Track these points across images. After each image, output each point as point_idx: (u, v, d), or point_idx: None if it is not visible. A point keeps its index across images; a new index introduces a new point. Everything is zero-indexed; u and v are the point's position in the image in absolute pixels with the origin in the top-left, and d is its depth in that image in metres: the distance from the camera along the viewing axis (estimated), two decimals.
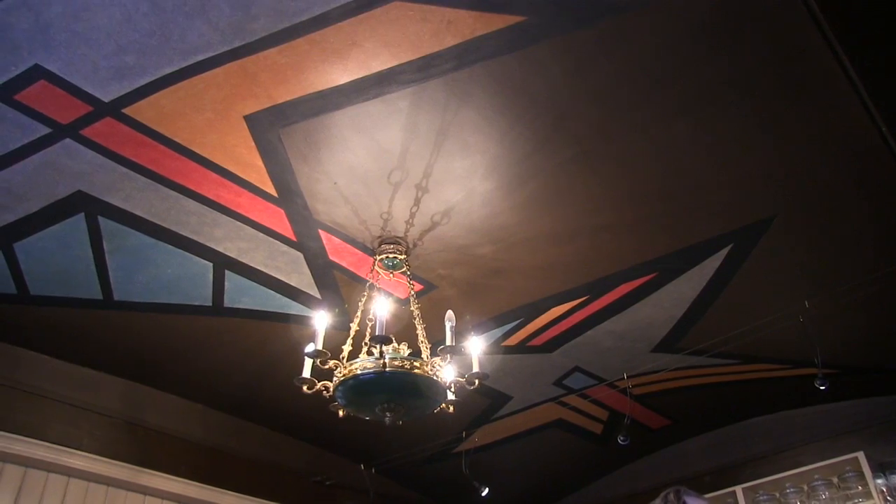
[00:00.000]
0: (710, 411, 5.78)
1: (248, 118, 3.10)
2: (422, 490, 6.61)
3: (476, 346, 3.41)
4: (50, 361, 4.56)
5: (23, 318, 4.22)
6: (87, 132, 3.11)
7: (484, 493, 5.60)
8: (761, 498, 5.38)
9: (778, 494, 5.38)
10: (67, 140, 3.15)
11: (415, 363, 3.15)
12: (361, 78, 2.89)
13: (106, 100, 2.95)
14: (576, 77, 2.91)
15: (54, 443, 4.42)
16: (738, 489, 5.45)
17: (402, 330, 3.62)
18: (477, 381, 3.29)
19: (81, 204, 3.49)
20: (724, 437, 6.04)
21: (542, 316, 4.45)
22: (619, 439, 4.85)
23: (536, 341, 4.72)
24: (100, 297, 4.07)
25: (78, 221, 3.59)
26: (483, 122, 3.11)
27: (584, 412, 5.61)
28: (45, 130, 3.09)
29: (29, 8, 2.57)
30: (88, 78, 2.85)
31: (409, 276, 3.75)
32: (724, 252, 3.90)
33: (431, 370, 3.20)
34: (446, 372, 3.31)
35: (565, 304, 4.34)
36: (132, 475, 4.71)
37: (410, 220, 3.66)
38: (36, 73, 2.82)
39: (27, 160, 3.22)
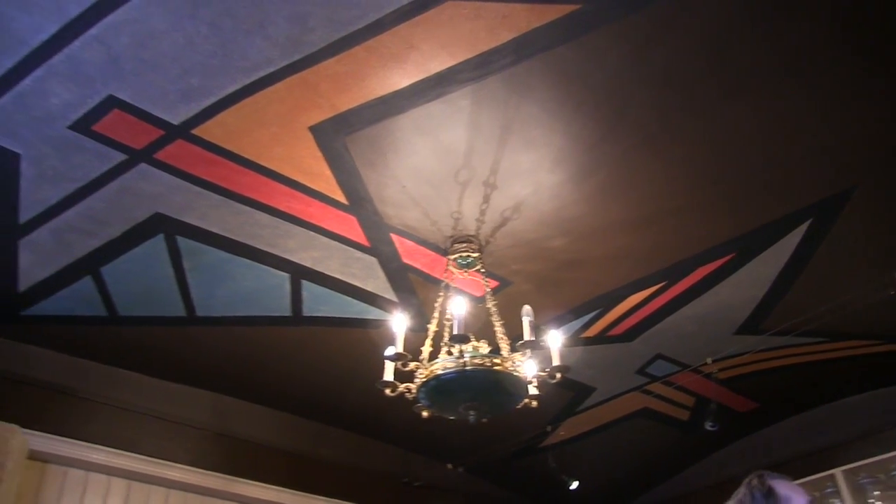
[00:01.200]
0: (800, 392, 5.60)
1: (312, 129, 3.14)
2: (510, 487, 6.60)
3: (555, 339, 3.39)
4: (142, 379, 4.75)
5: (114, 339, 4.39)
6: (160, 155, 3.21)
7: (573, 487, 5.56)
8: (863, 480, 5.14)
9: (883, 476, 5.11)
10: (143, 165, 3.25)
11: (495, 360, 3.14)
12: (421, 80, 2.90)
13: (176, 122, 3.04)
14: (635, 62, 2.86)
15: (153, 456, 4.61)
16: (838, 472, 5.19)
17: (480, 328, 3.61)
18: (558, 375, 3.27)
19: (160, 225, 3.60)
20: (817, 419, 5.83)
21: (620, 305, 4.39)
22: (707, 425, 4.74)
23: (616, 331, 4.66)
24: (183, 313, 4.20)
25: (158, 242, 3.71)
26: (545, 115, 3.09)
27: (670, 399, 5.51)
28: (121, 157, 3.21)
29: (100, 42, 2.67)
30: (158, 103, 2.94)
31: (483, 273, 3.74)
32: (803, 227, 3.78)
33: (512, 366, 3.18)
34: (527, 367, 3.29)
35: (642, 292, 4.28)
36: (226, 484, 4.85)
37: (481, 218, 3.66)
38: (110, 103, 2.93)
39: (107, 187, 3.35)
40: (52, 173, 3.25)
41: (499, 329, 3.49)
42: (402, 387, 3.26)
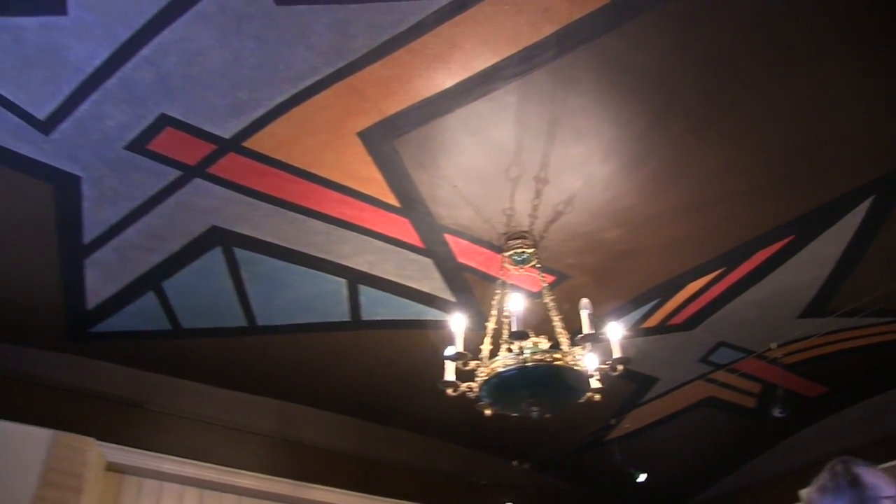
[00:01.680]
0: (872, 375, 5.45)
1: (361, 134, 3.16)
2: (577, 481, 6.56)
3: (615, 331, 3.35)
4: (208, 389, 4.86)
5: (180, 352, 4.50)
6: (213, 169, 3.27)
7: (640, 480, 5.50)
8: None
9: None
10: (197, 180, 3.32)
11: (555, 355, 3.12)
12: (466, 79, 2.90)
13: (226, 136, 3.10)
14: (680, 46, 2.82)
15: (223, 465, 4.72)
16: None
17: (539, 323, 3.60)
18: (620, 367, 3.23)
19: (216, 238, 3.67)
20: (891, 402, 5.66)
21: (679, 293, 4.33)
22: (775, 412, 4.65)
23: (676, 320, 4.60)
24: (245, 323, 4.28)
25: (216, 254, 3.78)
26: (593, 106, 3.07)
27: (735, 387, 5.41)
28: (176, 174, 3.28)
29: (150, 62, 2.74)
30: (208, 118, 3.00)
31: (539, 268, 3.72)
32: (865, 204, 3.68)
33: (573, 360, 3.16)
34: (588, 360, 3.26)
35: (701, 279, 4.21)
36: (295, 490, 4.92)
37: (534, 213, 3.65)
38: (162, 122, 3.00)
39: (164, 203, 3.43)
40: (111, 193, 3.35)
41: (558, 324, 3.47)
42: (463, 386, 3.27)
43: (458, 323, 3.31)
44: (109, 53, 2.69)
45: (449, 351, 3.24)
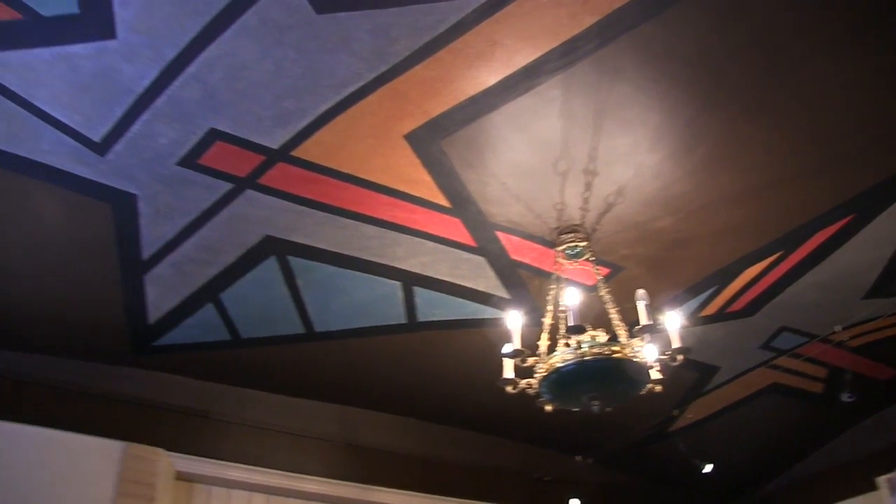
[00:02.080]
0: None
1: (407, 136, 3.17)
2: (641, 474, 6.49)
3: (673, 320, 3.31)
4: (270, 397, 4.93)
5: (240, 361, 4.57)
6: (263, 180, 3.31)
7: (706, 471, 5.42)
8: None
9: None
10: (249, 191, 3.37)
11: (614, 348, 3.09)
12: (509, 75, 2.89)
13: (275, 147, 3.13)
14: (722, 30, 2.75)
15: (288, 470, 4.79)
16: None
17: (595, 316, 3.56)
18: (680, 357, 3.18)
19: (271, 247, 3.72)
20: None
21: (737, 280, 4.25)
22: (844, 397, 4.54)
23: (735, 306, 4.52)
24: (302, 330, 4.32)
25: (271, 264, 3.83)
26: (639, 95, 3.02)
27: (800, 372, 5.29)
28: (228, 186, 3.33)
29: (196, 79, 2.78)
30: (256, 130, 3.04)
31: (593, 261, 3.69)
32: None
33: (632, 352, 3.13)
34: (647, 352, 3.22)
35: (759, 264, 4.12)
36: (360, 493, 4.97)
37: (585, 206, 3.61)
38: (211, 137, 3.05)
39: (218, 216, 3.48)
40: (166, 209, 3.41)
41: (615, 316, 3.43)
42: (522, 383, 3.26)
43: (514, 320, 3.30)
44: (158, 73, 2.74)
45: (506, 348, 3.23)
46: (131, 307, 4.01)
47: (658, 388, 3.32)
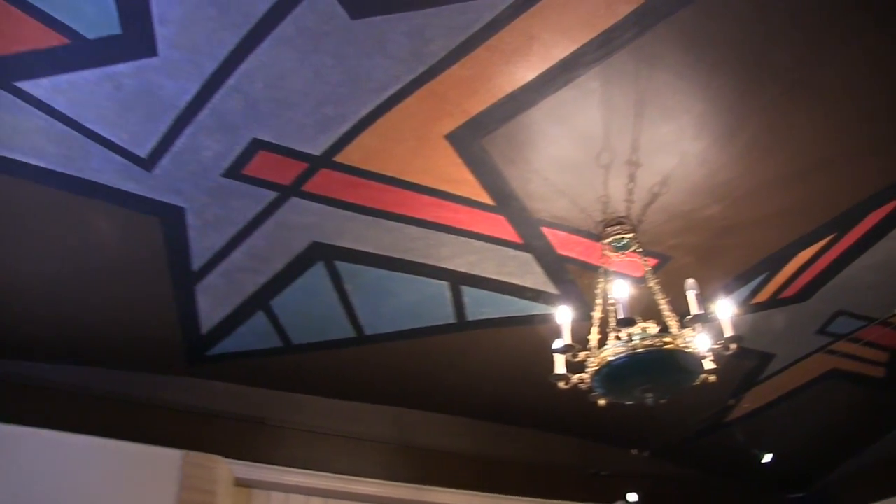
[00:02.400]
0: None
1: (448, 137, 3.17)
2: (699, 466, 6.39)
3: (724, 309, 3.25)
4: (324, 401, 4.98)
5: (293, 367, 4.62)
6: (307, 187, 3.34)
7: (766, 461, 5.32)
8: None
9: None
10: (293, 199, 3.40)
11: (665, 339, 3.05)
12: (547, 70, 2.87)
13: (317, 153, 3.16)
14: (762, 10, 2.69)
15: (345, 474, 4.83)
16: None
17: (645, 308, 3.52)
18: (733, 346, 3.13)
19: (318, 253, 3.75)
20: None
21: (789, 265, 4.17)
22: None
23: (788, 292, 4.43)
24: (353, 334, 4.35)
25: (318, 269, 3.86)
26: (680, 82, 2.98)
27: (860, 357, 5.16)
28: (273, 195, 3.37)
29: (237, 90, 2.83)
30: (298, 138, 3.07)
31: (640, 253, 3.65)
32: None
33: (683, 343, 3.08)
34: (699, 342, 3.17)
35: (811, 248, 4.04)
36: (417, 494, 4.98)
37: (629, 198, 3.58)
38: (255, 146, 3.09)
39: (265, 225, 3.53)
40: (214, 220, 3.47)
41: (665, 307, 3.39)
42: (574, 378, 3.24)
43: (563, 315, 3.28)
44: (199, 87, 2.79)
45: (557, 344, 3.21)
46: (184, 318, 4.08)
47: (712, 378, 3.27)
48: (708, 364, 3.22)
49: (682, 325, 3.18)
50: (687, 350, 3.07)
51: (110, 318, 4.06)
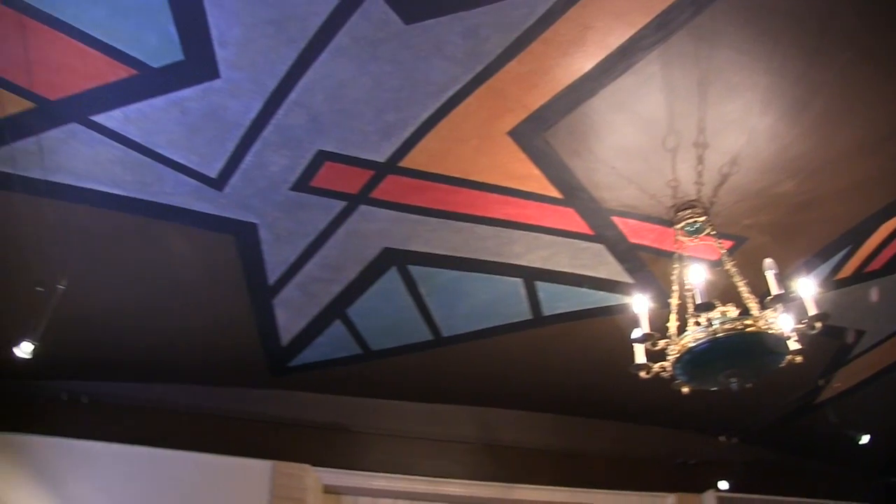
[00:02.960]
0: None
1: (511, 133, 3.16)
2: (792, 451, 6.22)
3: (806, 287, 3.16)
4: (405, 405, 5.04)
5: (373, 373, 4.69)
6: (375, 194, 3.38)
7: (863, 442, 5.15)
8: None
9: None
10: (362, 207, 3.44)
11: (746, 322, 2.98)
12: (604, 58, 2.83)
13: (382, 160, 3.19)
14: None
15: (430, 476, 4.87)
16: None
17: (723, 292, 3.45)
18: (818, 324, 3.03)
19: (390, 259, 3.79)
20: None
21: (872, 237, 4.02)
22: None
23: (873, 266, 4.27)
24: (431, 337, 4.39)
25: (392, 275, 3.90)
26: (742, 57, 2.90)
27: None
28: (342, 204, 3.42)
29: (299, 105, 2.88)
30: (362, 146, 3.10)
31: (714, 235, 3.57)
32: None
33: (766, 324, 3.01)
34: (782, 322, 3.09)
35: (895, 218, 3.89)
36: (503, 492, 4.98)
37: (699, 180, 3.50)
38: (320, 158, 3.14)
39: (336, 235, 3.58)
40: (286, 234, 3.53)
41: (743, 289, 3.31)
42: (656, 367, 3.19)
43: (640, 304, 3.23)
44: (262, 104, 2.85)
45: (636, 333, 3.16)
46: (265, 331, 4.17)
47: (798, 358, 3.17)
48: (793, 345, 3.13)
49: (763, 307, 3.09)
50: (770, 331, 2.99)
51: (194, 336, 4.19)
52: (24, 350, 3.22)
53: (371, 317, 4.16)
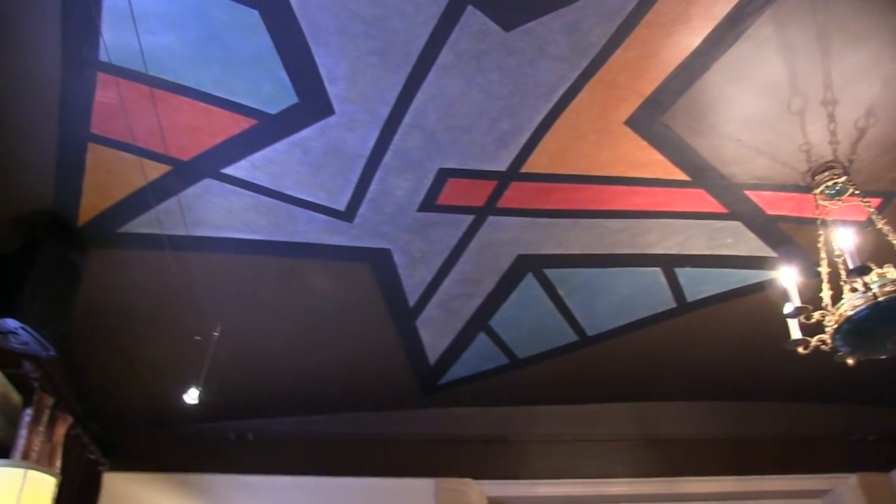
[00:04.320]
0: None
1: (628, 122, 3.13)
2: None
3: None
4: (558, 409, 5.02)
5: (523, 380, 4.69)
6: (502, 203, 3.41)
7: None
8: None
9: None
10: (490, 217, 3.48)
11: None
12: (712, 30, 2.76)
13: (503, 169, 3.21)
14: None
15: (593, 478, 4.84)
16: None
17: (876, 252, 3.27)
18: None
19: (525, 265, 3.80)
20: None
21: None
22: None
23: None
24: (576, 338, 4.37)
25: (529, 281, 3.91)
26: (862, 3, 2.76)
27: None
28: (470, 218, 3.47)
29: (415, 126, 2.95)
30: (482, 158, 3.14)
31: (858, 195, 3.39)
32: None
33: None
34: None
35: None
36: (669, 486, 4.89)
37: (833, 139, 3.34)
38: (442, 176, 3.20)
39: (468, 249, 3.63)
40: (419, 255, 3.61)
41: None
42: (814, 341, 3.06)
43: (787, 277, 3.11)
44: (378, 132, 2.95)
45: (788, 308, 3.05)
46: (412, 353, 4.26)
47: None
48: None
49: None
50: None
51: (345, 366, 4.33)
52: (192, 396, 3.43)
53: (514, 325, 4.19)
